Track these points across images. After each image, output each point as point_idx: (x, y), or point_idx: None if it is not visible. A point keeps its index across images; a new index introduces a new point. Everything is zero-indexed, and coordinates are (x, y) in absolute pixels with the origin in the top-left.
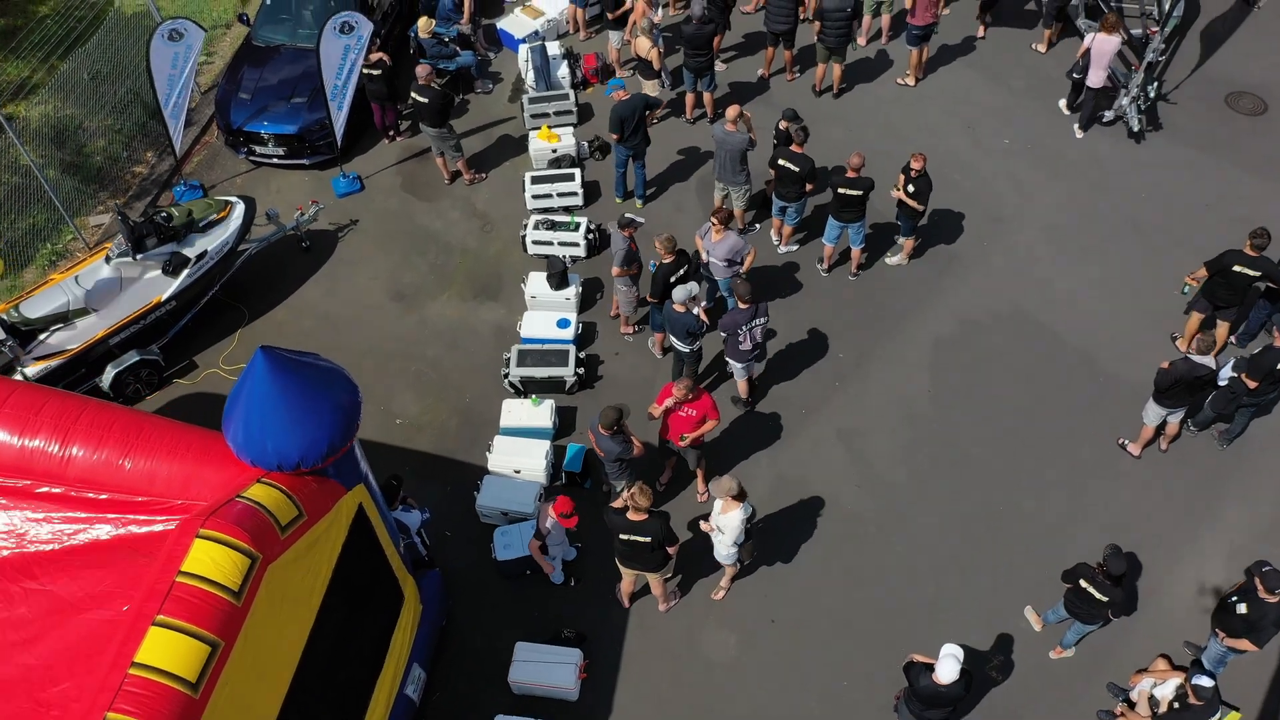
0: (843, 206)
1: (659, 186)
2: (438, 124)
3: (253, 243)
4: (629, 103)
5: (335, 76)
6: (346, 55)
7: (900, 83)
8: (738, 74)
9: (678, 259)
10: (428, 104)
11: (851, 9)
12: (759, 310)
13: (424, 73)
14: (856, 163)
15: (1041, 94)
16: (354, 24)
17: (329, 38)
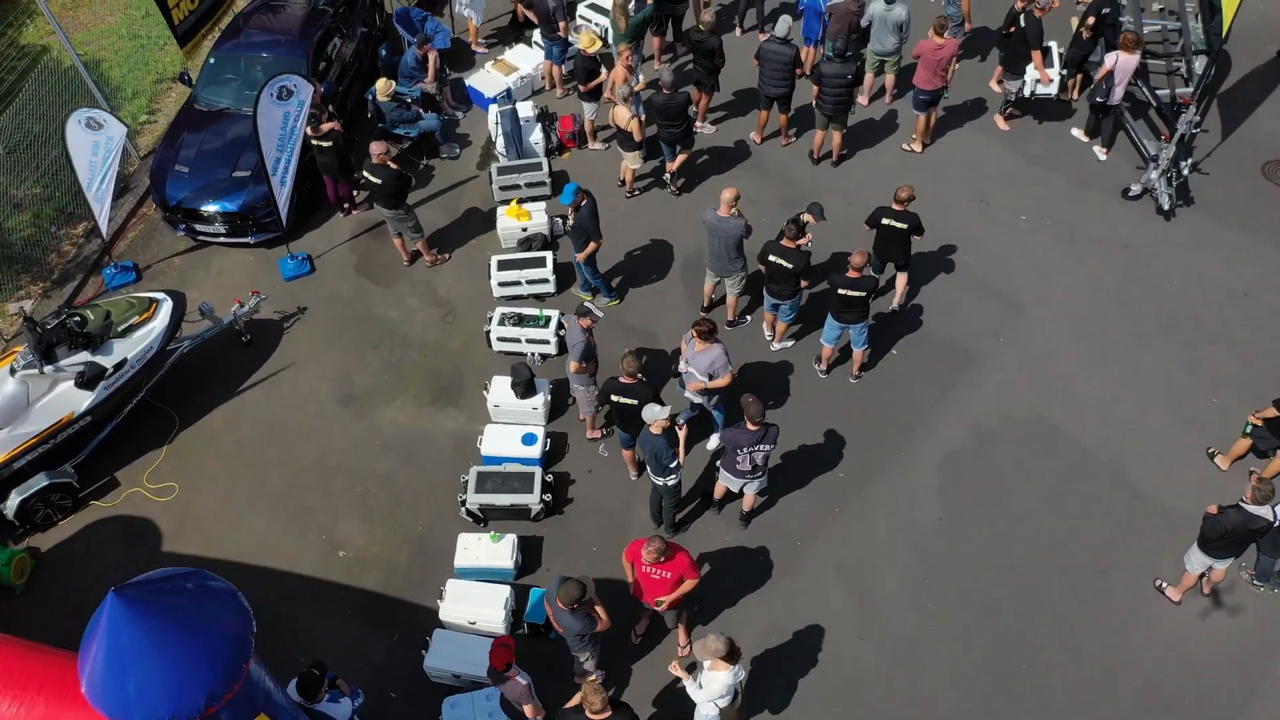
0: (844, 307)
1: (638, 267)
2: (394, 205)
3: (184, 341)
4: (591, 208)
5: (276, 149)
6: (286, 123)
7: (905, 148)
8: (728, 137)
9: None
10: (381, 185)
11: (853, 75)
12: (768, 435)
13: (378, 150)
14: (859, 262)
15: (1060, 161)
16: (292, 88)
17: (265, 106)
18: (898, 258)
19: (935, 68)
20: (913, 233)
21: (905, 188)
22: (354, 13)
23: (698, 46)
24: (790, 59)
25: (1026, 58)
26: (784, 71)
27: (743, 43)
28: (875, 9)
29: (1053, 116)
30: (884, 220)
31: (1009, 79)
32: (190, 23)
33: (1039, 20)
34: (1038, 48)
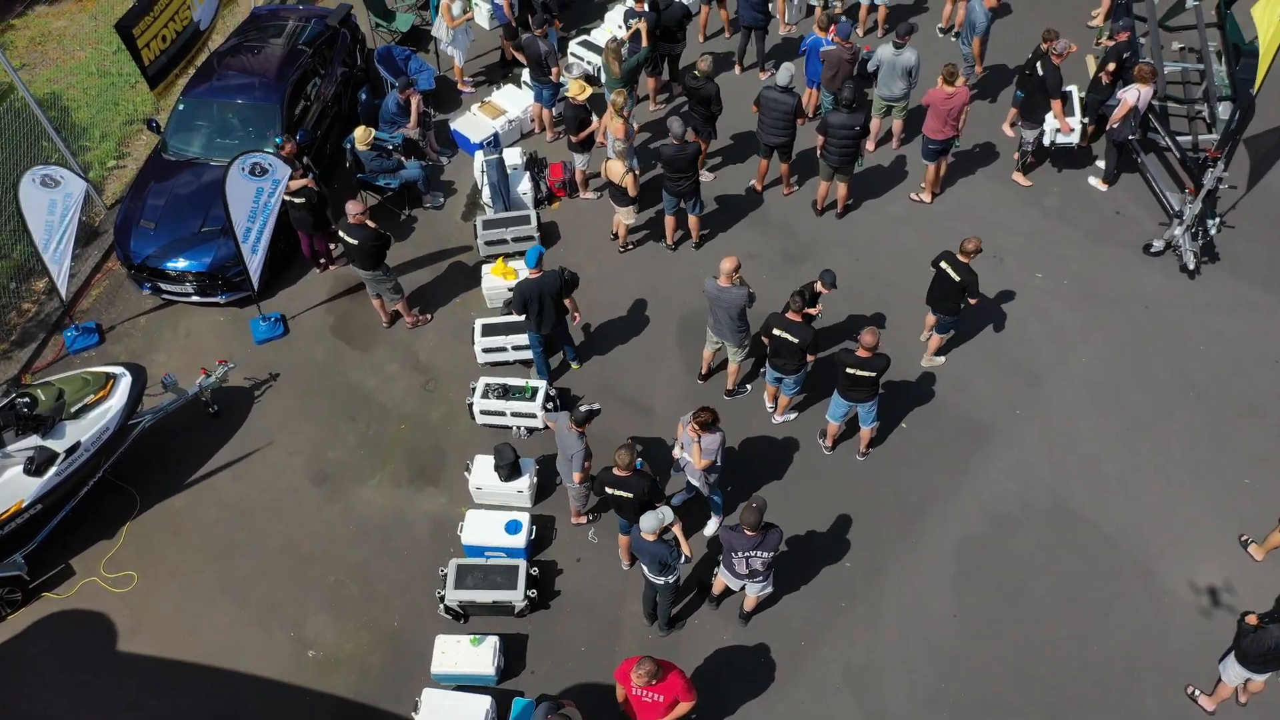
0: (853, 385)
1: (631, 329)
2: (371, 267)
3: (146, 415)
4: (539, 283)
5: (247, 220)
6: (259, 197)
7: (914, 198)
8: (726, 185)
9: (633, 482)
10: (358, 246)
11: (861, 127)
12: (766, 541)
13: (354, 210)
14: (870, 341)
15: (1078, 213)
16: (267, 166)
17: (235, 179)
18: (945, 310)
19: (946, 117)
20: (965, 290)
21: (974, 239)
22: (334, 52)
23: (694, 93)
24: (792, 108)
25: (1045, 105)
26: (785, 121)
27: (742, 80)
28: (883, 54)
29: (1070, 165)
30: (942, 263)
31: (1026, 127)
32: (161, 63)
33: (1057, 68)
34: (1057, 96)
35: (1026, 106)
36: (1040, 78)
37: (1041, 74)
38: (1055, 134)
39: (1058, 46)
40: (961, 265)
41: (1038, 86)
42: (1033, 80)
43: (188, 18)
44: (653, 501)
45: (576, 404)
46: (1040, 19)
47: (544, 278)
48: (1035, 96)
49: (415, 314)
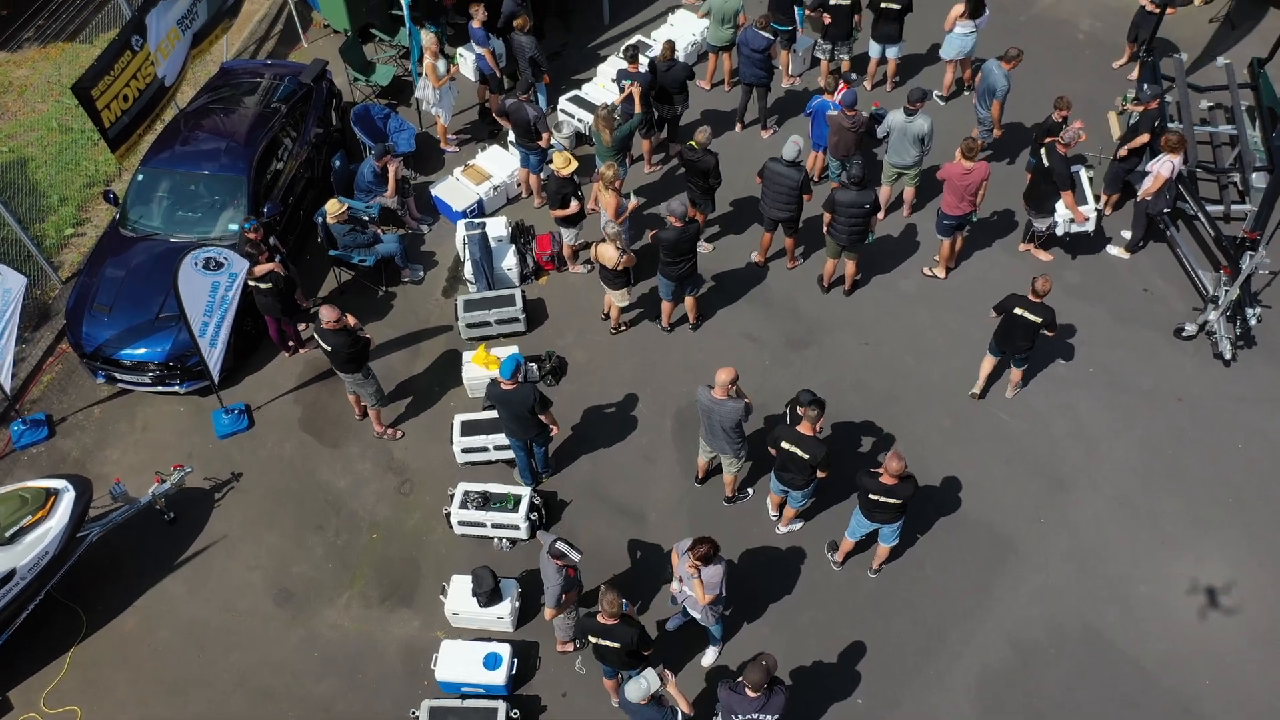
0: (876, 509)
1: (625, 424)
2: (351, 371)
3: (94, 527)
4: (510, 397)
5: (203, 315)
6: (215, 291)
7: (927, 273)
8: (725, 258)
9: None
10: (333, 353)
11: (870, 205)
12: (770, 704)
13: (329, 316)
14: (896, 468)
15: (1102, 290)
16: (222, 260)
17: (188, 274)
18: (1022, 349)
19: (963, 193)
20: (1046, 328)
21: (1044, 279)
22: (308, 112)
23: (692, 165)
24: (797, 184)
25: (1054, 195)
26: (789, 196)
27: (743, 140)
28: (894, 120)
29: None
30: (1017, 310)
31: (1036, 217)
32: (124, 123)
33: (1064, 157)
34: (1067, 188)
35: (1034, 196)
36: (1047, 168)
37: (1048, 164)
38: (1069, 224)
39: (1066, 136)
40: (1036, 306)
41: (1044, 176)
42: (1039, 169)
43: (151, 74)
44: (641, 650)
45: (554, 541)
46: (1059, 69)
47: (518, 392)
48: (1042, 186)
49: (385, 427)
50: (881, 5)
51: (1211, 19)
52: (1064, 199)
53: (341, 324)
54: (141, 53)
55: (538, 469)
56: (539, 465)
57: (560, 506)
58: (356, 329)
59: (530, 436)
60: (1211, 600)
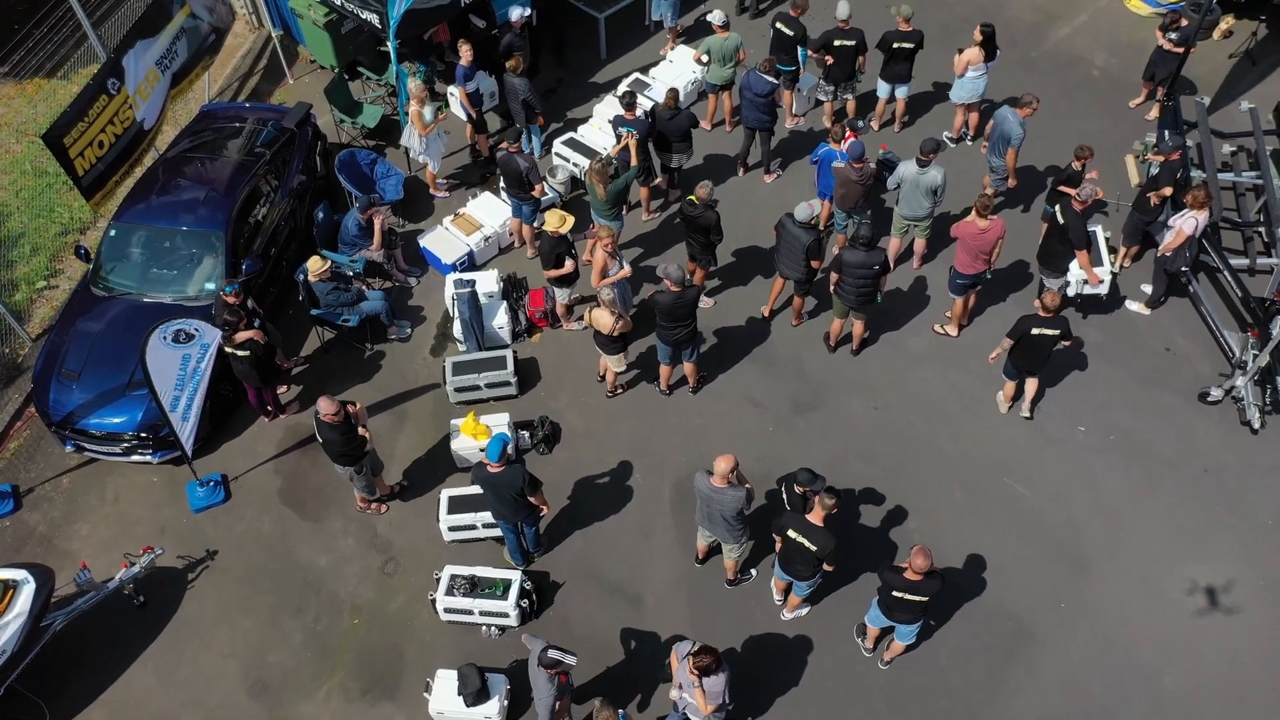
0: (897, 606)
1: (621, 496)
2: (344, 464)
3: (58, 616)
4: (498, 479)
5: (174, 388)
6: (186, 364)
7: (939, 331)
8: (727, 313)
9: None
10: (326, 445)
11: (880, 266)
12: None
13: (329, 409)
14: (922, 565)
15: (1122, 349)
16: (192, 332)
17: (156, 348)
18: (1038, 367)
19: (977, 252)
20: (1064, 338)
21: (1051, 294)
22: (291, 159)
23: (691, 221)
24: (806, 247)
25: (1067, 254)
26: (801, 257)
27: (745, 184)
28: (905, 171)
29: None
30: (1034, 330)
31: (1049, 276)
32: (99, 170)
33: (1080, 215)
34: (1082, 248)
35: (1047, 254)
36: (1061, 226)
37: (1063, 221)
38: (1082, 285)
39: (1083, 193)
40: (1050, 320)
41: (1059, 234)
42: (1054, 227)
43: (130, 118)
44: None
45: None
46: (1073, 108)
47: (505, 474)
48: (1055, 244)
49: (368, 500)
50: (894, 45)
51: (1231, 54)
52: (1078, 259)
53: (339, 417)
54: (119, 96)
55: (528, 548)
56: (529, 544)
57: (552, 589)
58: (357, 422)
59: (520, 519)
60: (1244, 692)
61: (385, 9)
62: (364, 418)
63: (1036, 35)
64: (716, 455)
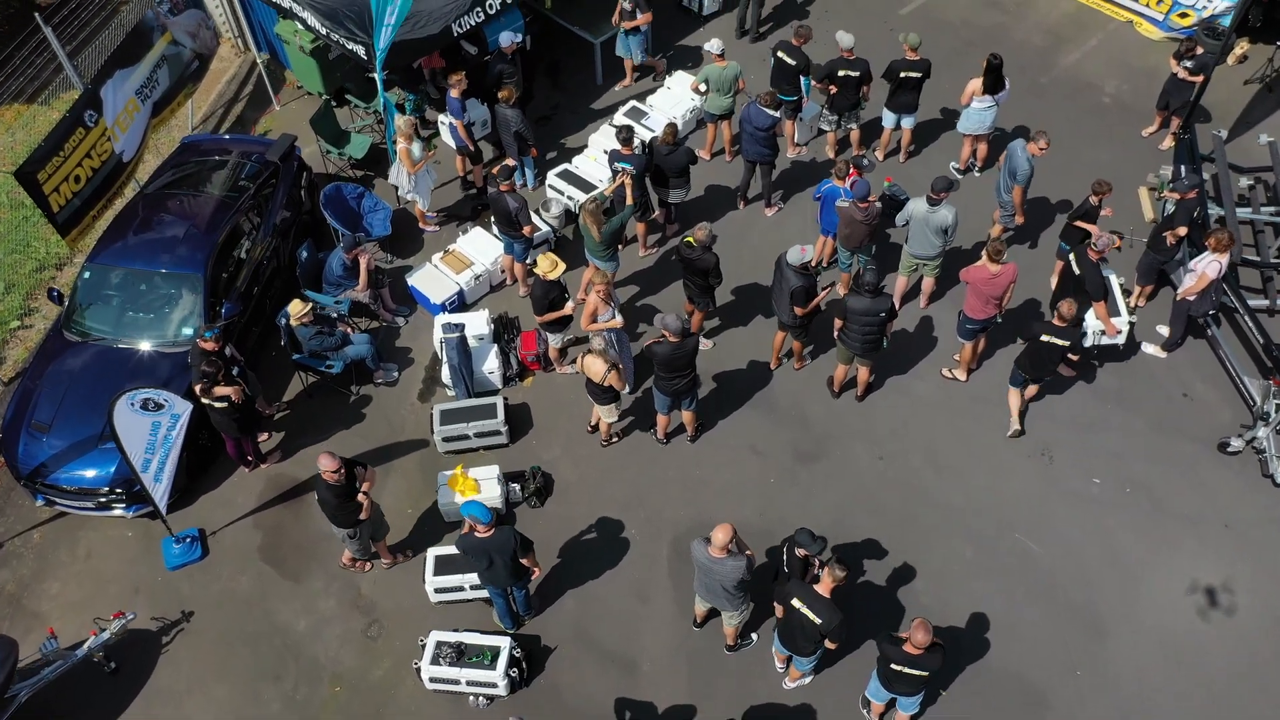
0: (897, 679)
1: (616, 552)
2: (339, 526)
3: (22, 687)
4: (488, 545)
5: (145, 451)
6: (157, 431)
7: (947, 376)
8: (727, 357)
9: None
10: (321, 503)
11: (886, 313)
12: None
13: (330, 467)
14: (922, 639)
15: (1138, 395)
16: (161, 402)
17: (123, 414)
18: (1049, 374)
19: (988, 297)
20: (1072, 351)
21: (1069, 303)
22: (274, 194)
23: (690, 265)
24: (791, 291)
25: (1084, 304)
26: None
27: (745, 218)
28: (915, 210)
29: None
30: (1044, 336)
31: None
32: (75, 205)
33: (1096, 265)
34: (1100, 298)
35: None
36: (1078, 277)
37: (1078, 271)
38: (1099, 336)
39: (1099, 243)
40: (1063, 330)
41: (1073, 284)
42: (1067, 275)
43: (108, 150)
44: None
45: None
46: (1085, 137)
47: (496, 539)
48: (1069, 293)
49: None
50: (901, 75)
51: (1247, 81)
52: (1095, 310)
53: (340, 476)
54: (96, 129)
55: (518, 611)
56: (519, 608)
57: (543, 654)
58: (359, 487)
59: (511, 584)
60: None
61: (371, 40)
62: (371, 479)
63: (1046, 60)
64: (716, 509)
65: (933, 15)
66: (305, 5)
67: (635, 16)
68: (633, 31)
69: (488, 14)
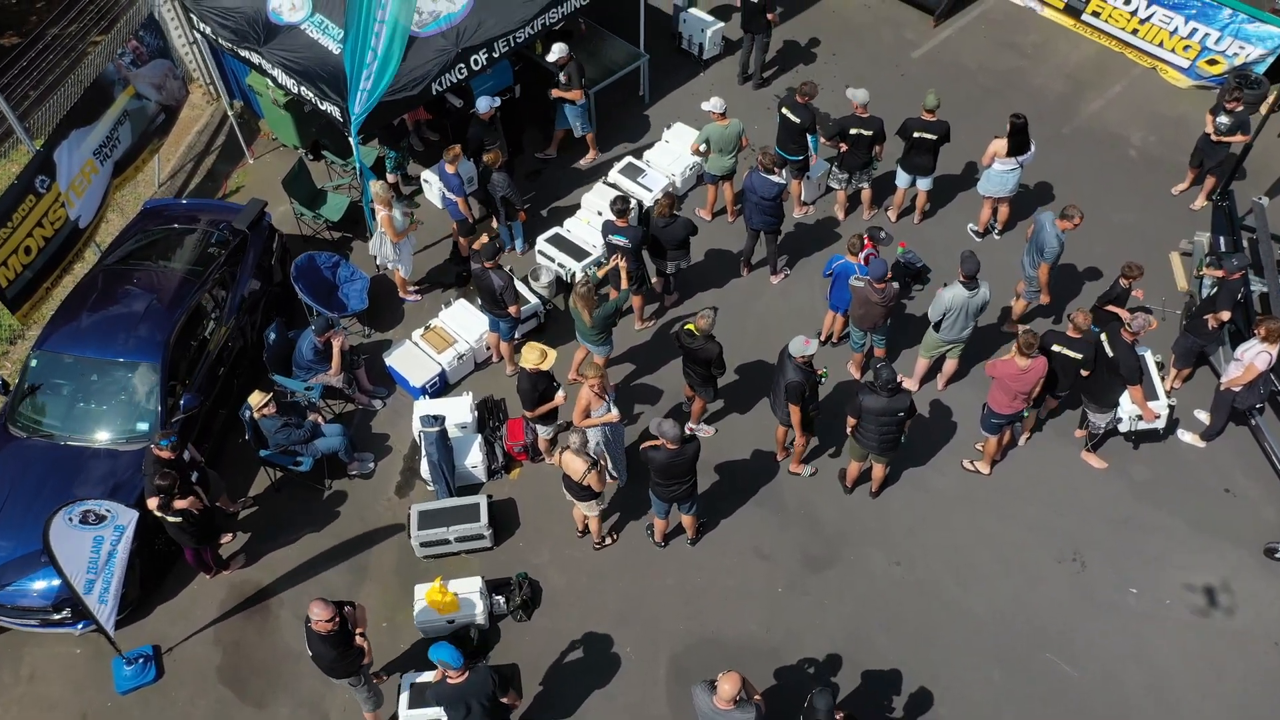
0: None
1: (608, 668)
2: (339, 677)
3: None
4: (464, 691)
5: (87, 571)
6: (99, 547)
7: (969, 468)
8: (731, 445)
9: None
10: (314, 657)
11: (906, 411)
12: None
13: (322, 616)
14: None
15: (1176, 490)
16: (104, 514)
17: (60, 531)
18: (1057, 389)
19: (1016, 393)
20: (1084, 366)
21: (1084, 314)
22: (243, 264)
23: (692, 354)
24: (787, 385)
25: (1118, 387)
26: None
27: (750, 285)
28: (952, 297)
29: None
30: (1055, 347)
31: (1096, 412)
32: (26, 278)
33: (1131, 347)
34: (1136, 383)
35: (1094, 386)
36: (1112, 358)
37: (1112, 354)
38: (1136, 421)
39: (1135, 325)
40: (1077, 342)
41: (1108, 367)
42: (1101, 358)
43: (62, 218)
44: None
45: None
46: (1110, 195)
47: (471, 682)
48: (1104, 376)
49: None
50: (915, 135)
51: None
52: (1132, 395)
53: (334, 625)
54: (49, 195)
55: None
56: None
57: None
58: (355, 626)
59: None
60: None
61: (345, 104)
62: (364, 620)
63: (1067, 108)
64: (718, 622)
65: (947, 59)
66: (275, 63)
67: (569, 87)
68: (565, 101)
69: (471, 70)
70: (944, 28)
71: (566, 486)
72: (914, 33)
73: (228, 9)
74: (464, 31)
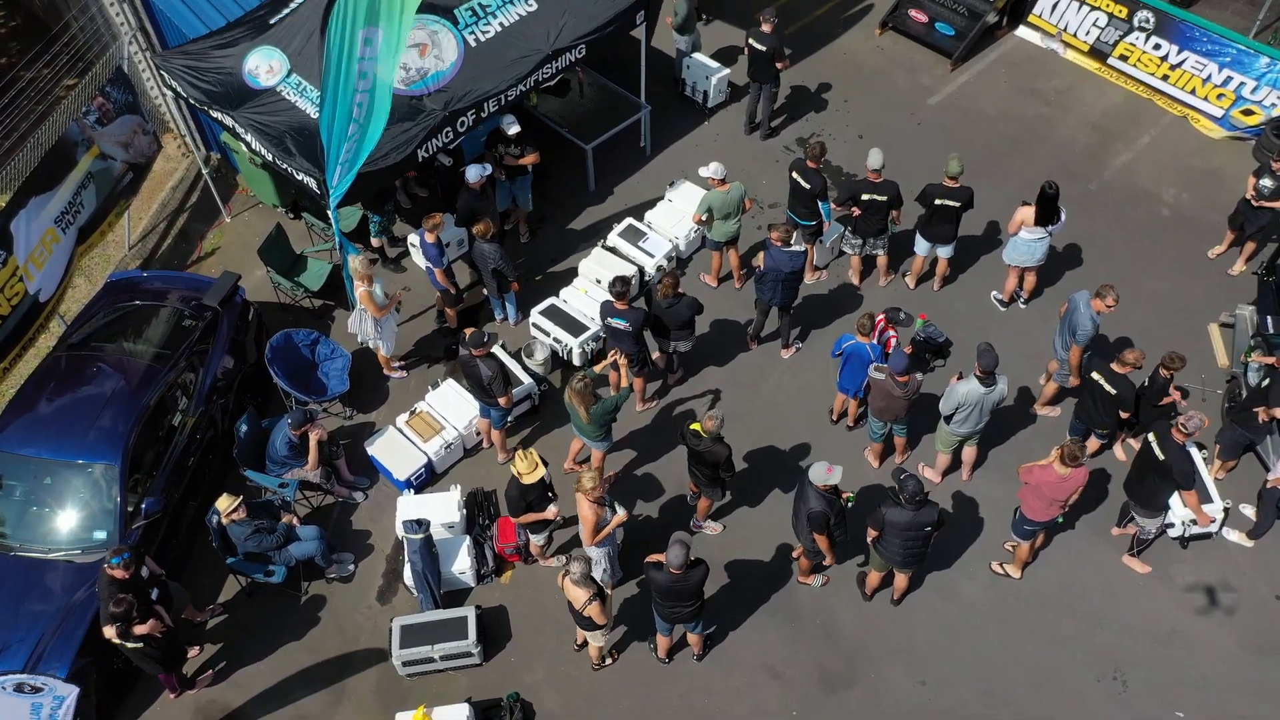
0: None
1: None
2: None
3: None
4: None
5: None
6: (39, 712)
7: (998, 571)
8: (739, 544)
9: None
10: None
11: (934, 525)
12: None
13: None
14: None
15: (1224, 600)
16: (40, 686)
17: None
18: (1099, 424)
19: (1052, 501)
20: (1121, 405)
21: (1135, 351)
22: (214, 344)
23: (701, 458)
24: (809, 514)
25: (1167, 489)
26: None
27: (757, 363)
28: (967, 392)
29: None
30: (1094, 374)
31: (1144, 515)
32: None
33: (1183, 447)
34: (1189, 487)
35: (1141, 490)
36: (1162, 462)
37: (1162, 457)
38: (1189, 526)
39: (1189, 425)
40: (1117, 377)
41: (1155, 469)
42: (1149, 460)
43: (20, 292)
44: None
45: None
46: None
47: None
48: (1151, 478)
49: None
50: (936, 202)
51: None
52: (1186, 500)
53: None
54: (5, 269)
55: None
56: None
57: None
58: None
59: None
60: None
61: (323, 176)
62: None
63: (1094, 161)
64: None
65: (965, 105)
66: (248, 126)
67: (521, 154)
68: (518, 172)
69: (458, 132)
70: (961, 72)
71: (570, 612)
72: (930, 77)
73: (201, 68)
74: (453, 96)
